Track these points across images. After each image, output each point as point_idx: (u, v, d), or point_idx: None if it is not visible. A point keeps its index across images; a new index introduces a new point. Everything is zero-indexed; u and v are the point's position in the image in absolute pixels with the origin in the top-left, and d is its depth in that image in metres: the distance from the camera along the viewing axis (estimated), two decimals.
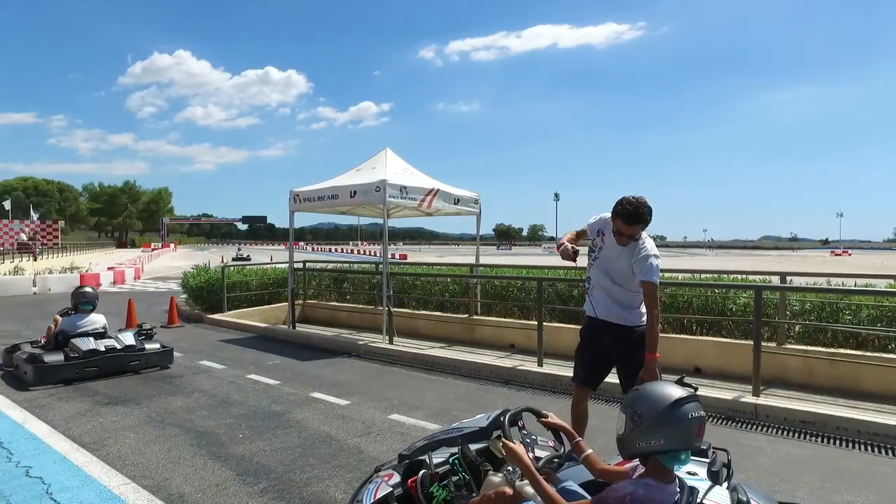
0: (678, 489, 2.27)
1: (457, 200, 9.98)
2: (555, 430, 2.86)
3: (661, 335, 3.65)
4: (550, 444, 2.92)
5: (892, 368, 6.02)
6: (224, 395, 6.01)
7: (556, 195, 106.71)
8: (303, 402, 5.75)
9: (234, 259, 37.64)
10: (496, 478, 2.73)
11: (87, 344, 6.64)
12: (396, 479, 3.02)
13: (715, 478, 2.59)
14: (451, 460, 3.05)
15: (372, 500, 2.89)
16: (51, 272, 18.77)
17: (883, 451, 4.47)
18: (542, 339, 7.28)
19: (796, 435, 4.82)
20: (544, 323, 7.44)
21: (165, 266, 36.10)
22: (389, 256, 10.19)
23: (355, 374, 7.07)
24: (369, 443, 4.59)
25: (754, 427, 5.03)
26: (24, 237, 24.58)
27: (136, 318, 10.55)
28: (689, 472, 2.46)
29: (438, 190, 9.46)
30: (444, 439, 2.98)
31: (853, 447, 4.57)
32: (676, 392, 2.27)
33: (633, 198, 3.48)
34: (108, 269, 22.47)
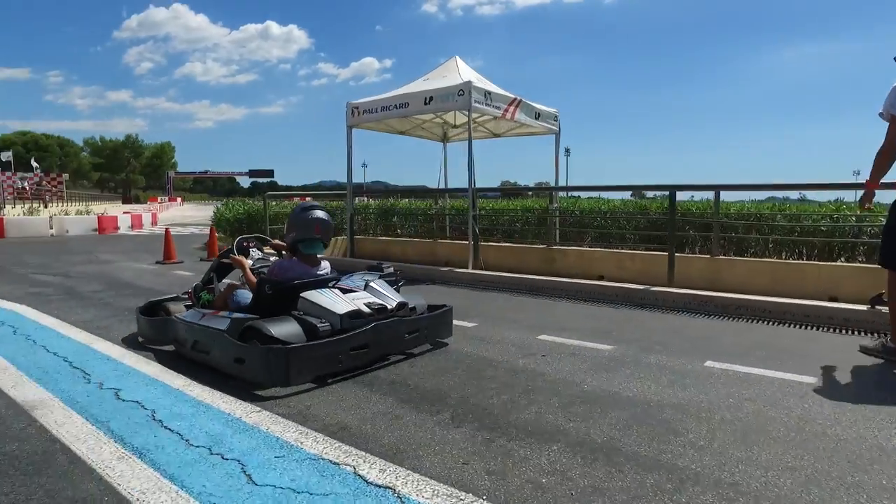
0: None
1: (538, 115, 8.75)
2: (277, 249, 4.29)
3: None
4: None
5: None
6: None
7: (567, 150, 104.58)
8: None
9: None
10: (223, 284, 4.11)
11: None
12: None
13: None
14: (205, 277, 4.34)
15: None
16: (67, 213, 17.63)
17: None
18: (673, 258, 6.23)
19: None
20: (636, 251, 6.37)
21: (179, 215, 34.98)
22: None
23: (455, 299, 5.99)
24: (546, 365, 3.54)
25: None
26: (23, 184, 23.32)
27: (173, 247, 9.57)
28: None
29: (521, 100, 8.22)
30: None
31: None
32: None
33: None
34: (125, 213, 21.32)
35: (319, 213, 3.63)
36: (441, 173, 10.00)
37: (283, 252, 4.01)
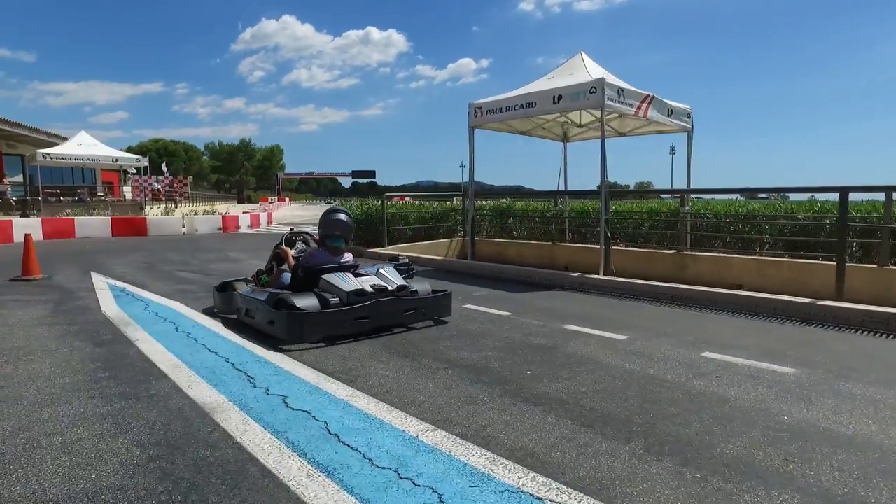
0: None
1: (670, 112, 8.17)
2: (317, 242, 5.22)
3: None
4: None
5: None
6: (455, 324, 4.83)
7: (672, 149, 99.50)
8: (566, 335, 4.44)
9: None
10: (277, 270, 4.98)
11: None
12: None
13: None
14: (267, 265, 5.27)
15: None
16: (196, 213, 19.07)
17: None
18: (843, 268, 5.52)
19: None
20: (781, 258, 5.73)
21: (289, 215, 36.94)
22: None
23: (591, 307, 5.69)
24: (726, 389, 3.16)
25: None
26: (157, 186, 26.08)
27: None
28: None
29: (654, 97, 7.70)
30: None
31: None
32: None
33: None
34: (244, 213, 22.75)
35: (341, 216, 4.82)
36: (561, 174, 9.67)
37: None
